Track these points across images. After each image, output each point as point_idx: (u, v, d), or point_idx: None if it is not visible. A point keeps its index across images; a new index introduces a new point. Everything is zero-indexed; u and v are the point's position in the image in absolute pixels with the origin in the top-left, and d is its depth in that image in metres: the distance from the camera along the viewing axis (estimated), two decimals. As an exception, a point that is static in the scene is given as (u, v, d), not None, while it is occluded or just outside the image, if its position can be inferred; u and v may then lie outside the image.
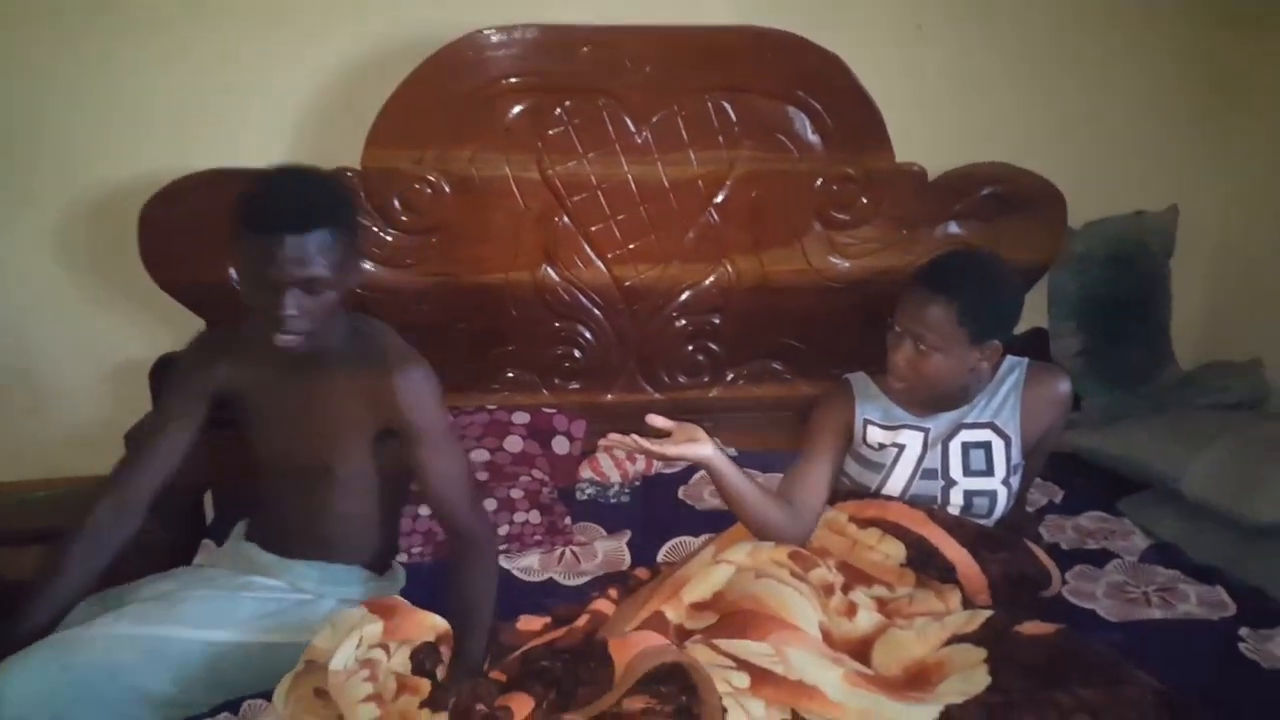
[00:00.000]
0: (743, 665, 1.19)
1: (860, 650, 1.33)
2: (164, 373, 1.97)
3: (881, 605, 1.43)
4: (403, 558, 1.65)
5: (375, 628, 1.23)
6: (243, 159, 1.88)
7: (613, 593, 1.50)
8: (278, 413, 1.41)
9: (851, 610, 1.38)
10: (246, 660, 1.31)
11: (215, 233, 1.82)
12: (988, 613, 1.35)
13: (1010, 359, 1.55)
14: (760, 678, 1.18)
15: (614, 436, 1.33)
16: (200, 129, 1.95)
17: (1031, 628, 1.30)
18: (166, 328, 2.00)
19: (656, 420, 1.38)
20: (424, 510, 1.72)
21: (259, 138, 1.96)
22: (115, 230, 1.87)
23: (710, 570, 1.41)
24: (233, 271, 1.92)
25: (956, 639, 1.31)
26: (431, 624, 1.29)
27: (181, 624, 1.29)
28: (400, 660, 1.23)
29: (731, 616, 1.30)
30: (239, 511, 1.61)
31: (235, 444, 1.73)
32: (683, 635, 1.34)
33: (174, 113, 1.94)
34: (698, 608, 1.36)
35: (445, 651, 1.28)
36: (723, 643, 1.23)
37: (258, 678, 1.29)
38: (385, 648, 1.23)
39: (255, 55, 1.93)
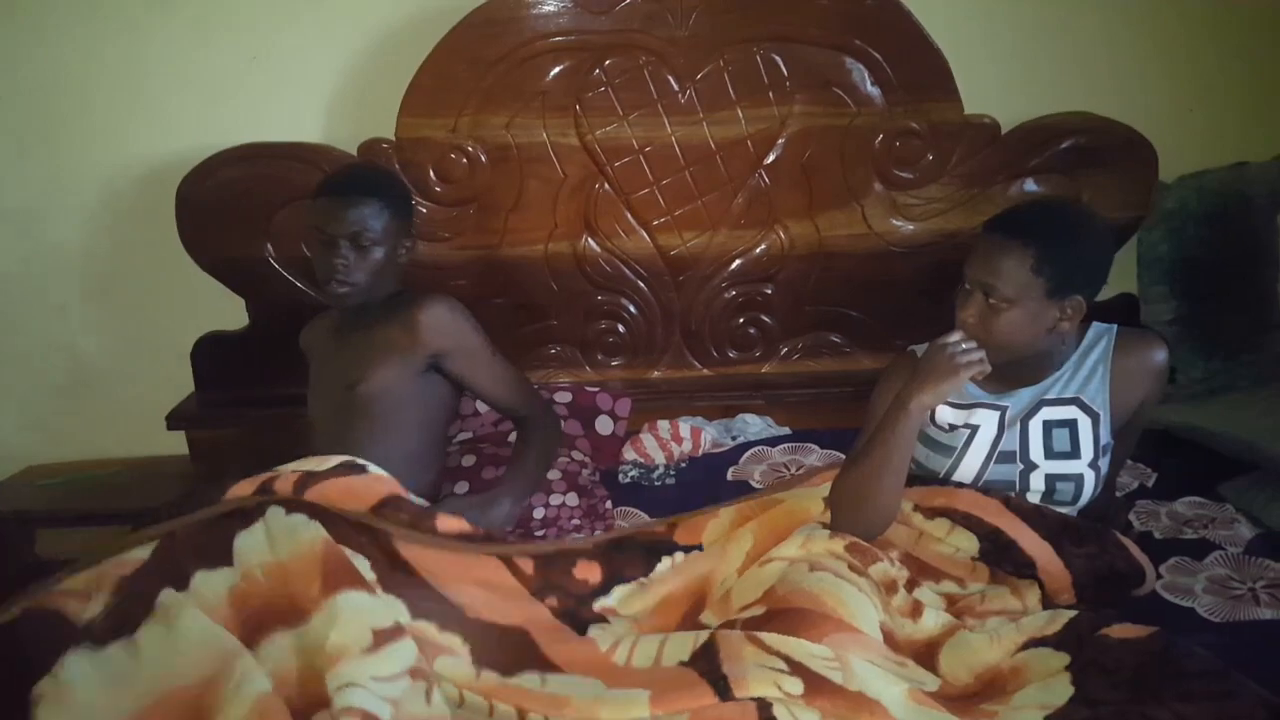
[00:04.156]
0: (797, 669, 1.08)
1: (926, 654, 1.21)
2: (205, 352, 1.99)
3: (951, 603, 1.31)
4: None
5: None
6: (277, 132, 1.89)
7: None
8: (322, 359, 1.62)
9: (917, 610, 1.26)
10: None
11: (252, 209, 1.87)
12: (1070, 613, 1.21)
13: (1097, 326, 1.40)
14: (816, 685, 1.06)
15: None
16: (234, 102, 1.93)
17: (1121, 631, 1.15)
18: (209, 307, 2.00)
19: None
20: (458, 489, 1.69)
21: (293, 110, 1.94)
22: (156, 208, 1.87)
23: (757, 572, 1.30)
24: (270, 249, 1.93)
25: (1034, 643, 1.17)
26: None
27: None
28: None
29: (782, 614, 1.18)
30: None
31: (278, 425, 1.79)
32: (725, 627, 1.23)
33: (207, 86, 1.92)
34: (744, 607, 1.25)
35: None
36: (773, 639, 1.12)
37: None
38: None
39: (287, 26, 1.89)
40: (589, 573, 1.33)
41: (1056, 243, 1.27)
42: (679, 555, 1.37)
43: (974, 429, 1.40)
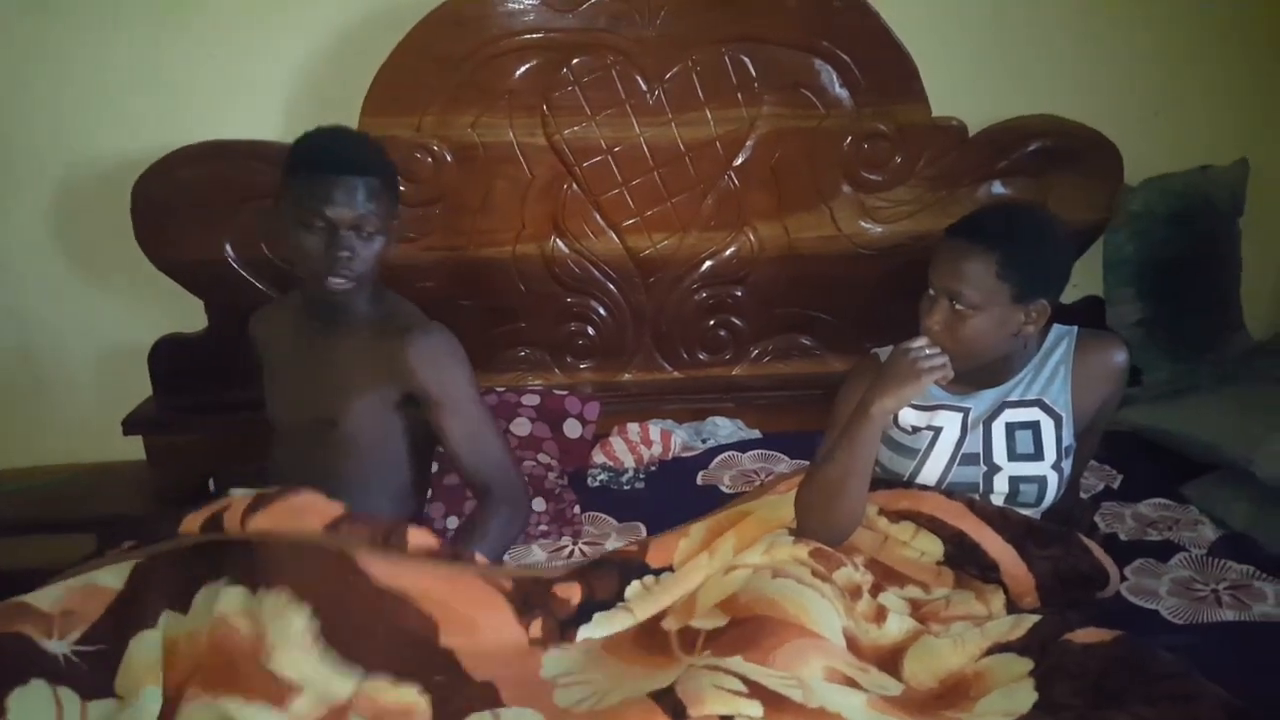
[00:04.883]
0: (755, 690, 1.06)
1: (890, 660, 1.20)
2: (163, 354, 1.94)
3: (915, 608, 1.30)
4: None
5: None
6: (237, 130, 1.84)
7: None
8: (293, 367, 1.43)
9: (881, 615, 1.25)
10: None
11: (210, 208, 1.84)
12: (1034, 618, 1.20)
13: (1058, 328, 1.41)
14: (776, 704, 1.04)
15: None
16: (192, 99, 1.89)
17: (1085, 635, 1.15)
18: (166, 309, 1.96)
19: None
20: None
21: (253, 107, 1.90)
22: (111, 209, 1.83)
23: (720, 579, 1.28)
24: (229, 249, 1.87)
25: (998, 648, 1.17)
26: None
27: None
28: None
29: (743, 623, 1.17)
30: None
31: (237, 430, 1.75)
32: (687, 642, 1.21)
33: (166, 83, 1.88)
34: (706, 615, 1.24)
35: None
36: (731, 662, 1.10)
37: None
38: None
39: (246, 20, 1.85)
40: (569, 592, 1.28)
41: (1020, 247, 1.27)
42: (649, 578, 1.33)
43: (937, 431, 1.39)
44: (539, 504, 1.65)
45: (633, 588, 1.32)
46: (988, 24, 1.95)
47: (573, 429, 1.87)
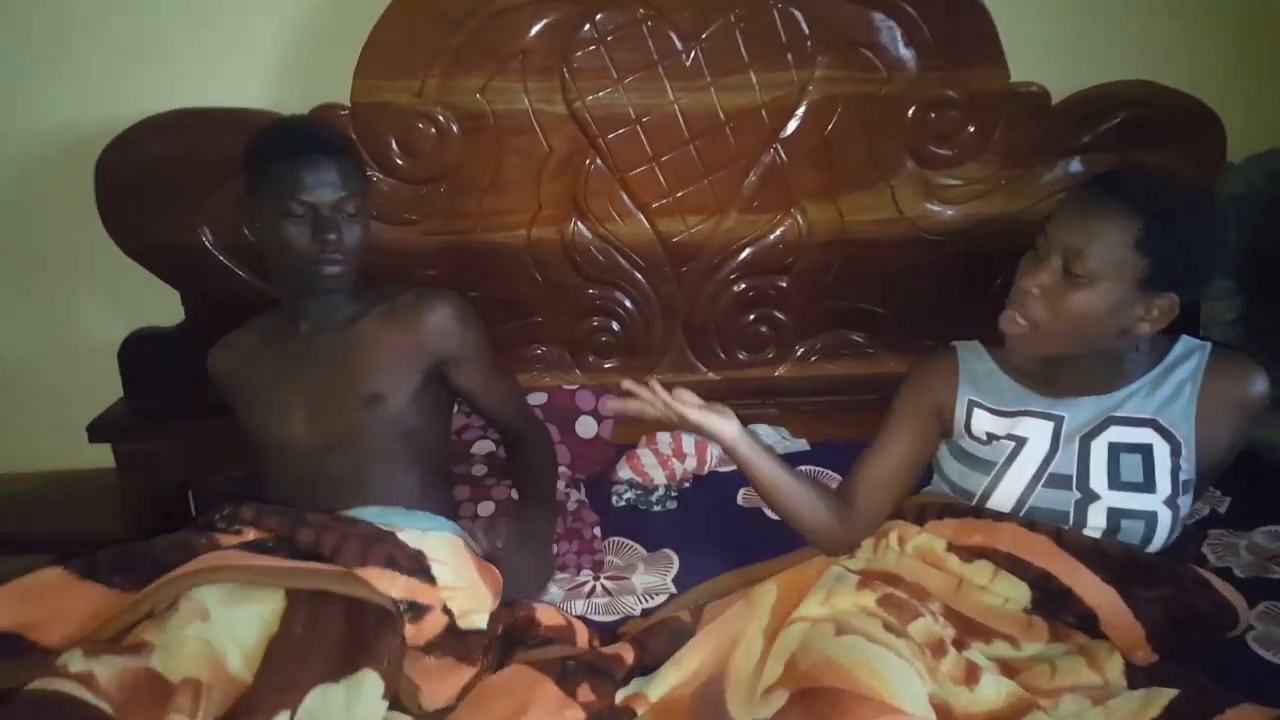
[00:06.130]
0: None
1: (989, 734, 1.00)
2: (135, 351, 1.82)
3: (1008, 671, 1.09)
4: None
5: None
6: (217, 96, 1.70)
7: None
8: (292, 378, 1.37)
9: (972, 675, 1.05)
10: None
11: (185, 186, 1.67)
12: (1169, 693, 0.99)
13: (1188, 341, 1.20)
14: None
15: (627, 384, 1.22)
16: (168, 61, 1.75)
17: (1237, 716, 0.95)
18: (139, 300, 1.84)
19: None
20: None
21: (235, 71, 1.76)
22: (78, 185, 1.69)
23: (781, 639, 1.10)
24: (208, 233, 1.73)
25: (1128, 731, 0.97)
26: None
27: None
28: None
29: (805, 698, 0.98)
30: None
31: (216, 435, 1.61)
32: None
33: (137, 43, 1.73)
34: (766, 692, 1.04)
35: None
36: None
37: None
38: None
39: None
40: (623, 651, 1.22)
41: (1171, 222, 1.06)
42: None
43: (1020, 442, 1.19)
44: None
45: (683, 648, 1.21)
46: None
47: (586, 428, 1.71)
